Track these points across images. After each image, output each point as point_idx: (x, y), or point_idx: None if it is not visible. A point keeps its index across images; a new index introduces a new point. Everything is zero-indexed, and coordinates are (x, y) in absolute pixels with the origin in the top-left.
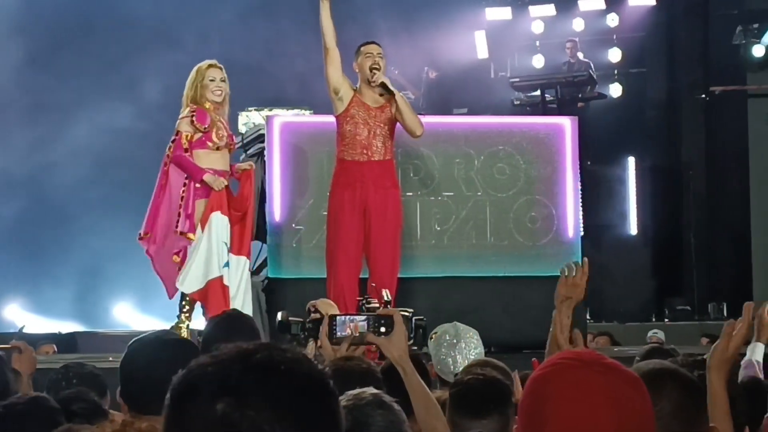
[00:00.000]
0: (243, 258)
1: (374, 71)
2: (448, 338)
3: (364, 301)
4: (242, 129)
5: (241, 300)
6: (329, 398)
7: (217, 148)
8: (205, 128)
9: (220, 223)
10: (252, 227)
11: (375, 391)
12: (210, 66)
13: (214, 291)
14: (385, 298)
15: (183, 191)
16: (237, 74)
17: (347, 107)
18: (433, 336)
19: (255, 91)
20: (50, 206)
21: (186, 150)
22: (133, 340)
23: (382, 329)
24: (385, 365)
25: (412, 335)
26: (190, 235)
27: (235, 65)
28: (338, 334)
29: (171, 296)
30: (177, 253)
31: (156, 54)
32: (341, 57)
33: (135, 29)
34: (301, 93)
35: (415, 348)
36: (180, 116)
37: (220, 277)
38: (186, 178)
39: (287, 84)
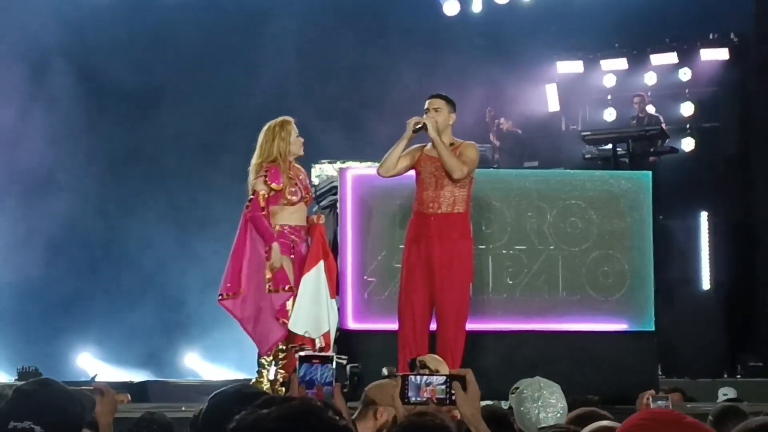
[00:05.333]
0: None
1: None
2: (530, 392)
3: (297, 348)
4: (315, 181)
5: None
6: None
7: (292, 204)
8: (278, 188)
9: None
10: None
11: None
12: (291, 122)
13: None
14: (318, 345)
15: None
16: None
17: (415, 166)
18: (515, 390)
19: (328, 143)
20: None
21: (263, 209)
22: (214, 393)
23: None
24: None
25: (347, 382)
26: (286, 287)
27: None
28: (410, 394)
29: (263, 353)
30: (280, 311)
31: None
32: None
33: None
34: (373, 146)
35: (491, 403)
36: (253, 175)
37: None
38: None
39: (360, 137)
